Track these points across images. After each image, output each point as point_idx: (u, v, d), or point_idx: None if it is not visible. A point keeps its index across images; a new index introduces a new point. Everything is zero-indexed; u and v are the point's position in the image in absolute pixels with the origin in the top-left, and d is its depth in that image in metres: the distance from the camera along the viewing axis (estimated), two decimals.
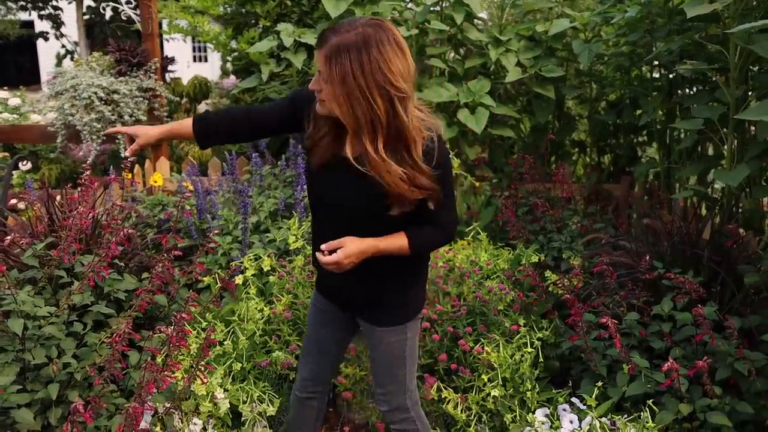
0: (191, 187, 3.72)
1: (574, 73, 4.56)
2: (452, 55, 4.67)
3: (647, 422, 2.13)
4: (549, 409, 2.34)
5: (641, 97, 4.00)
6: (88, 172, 2.62)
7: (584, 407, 2.30)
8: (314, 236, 1.96)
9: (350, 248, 1.72)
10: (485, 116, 3.91)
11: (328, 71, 1.60)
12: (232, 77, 10.41)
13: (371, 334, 1.98)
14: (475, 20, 4.62)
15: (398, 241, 1.78)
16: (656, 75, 4.11)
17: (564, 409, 2.29)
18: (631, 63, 4.05)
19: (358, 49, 1.57)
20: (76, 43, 8.19)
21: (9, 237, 2.32)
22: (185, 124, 2.00)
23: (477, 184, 3.88)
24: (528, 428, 2.29)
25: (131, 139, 2.05)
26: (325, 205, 1.86)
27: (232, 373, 2.46)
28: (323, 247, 1.74)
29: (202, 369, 2.20)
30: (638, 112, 4.25)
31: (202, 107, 7.24)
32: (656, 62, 3.91)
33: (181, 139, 2.05)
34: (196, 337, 2.55)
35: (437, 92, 4.05)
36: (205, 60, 21.87)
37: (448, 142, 3.87)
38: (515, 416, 2.37)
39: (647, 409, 2.20)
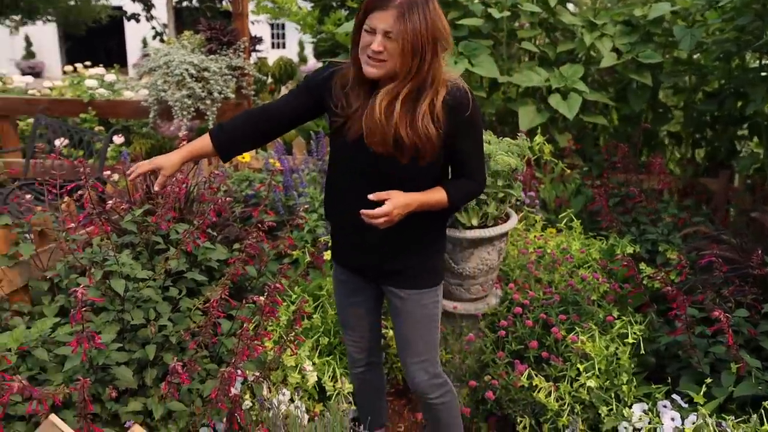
0: (277, 165, 3.74)
1: (671, 62, 4.35)
2: (542, 40, 4.54)
3: (760, 426, 1.99)
4: (647, 404, 2.23)
5: (748, 86, 3.77)
6: (184, 143, 2.65)
7: (685, 405, 2.18)
8: (342, 208, 1.94)
9: (398, 199, 1.74)
10: (578, 102, 3.78)
11: (399, 27, 1.65)
12: (310, 63, 10.50)
13: (403, 300, 1.99)
14: (568, 4, 4.47)
15: (437, 195, 1.84)
16: (759, 63, 3.87)
17: (664, 406, 2.17)
18: (738, 49, 3.82)
19: (424, 4, 1.66)
20: (164, 25, 8.42)
21: (110, 202, 2.37)
22: (203, 140, 1.97)
23: (568, 171, 3.76)
24: (624, 423, 2.19)
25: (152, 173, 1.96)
26: (363, 175, 1.85)
27: (319, 347, 2.45)
28: (371, 197, 1.74)
29: (293, 340, 2.20)
30: (740, 103, 4.02)
31: (283, 91, 7.30)
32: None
33: (203, 157, 2.02)
34: (285, 309, 2.55)
35: (528, 76, 3.94)
36: (283, 46, 22.20)
37: (539, 128, 3.76)
38: (611, 409, 2.27)
39: (762, 411, 2.06)
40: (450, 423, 2.18)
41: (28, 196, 2.62)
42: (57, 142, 4.42)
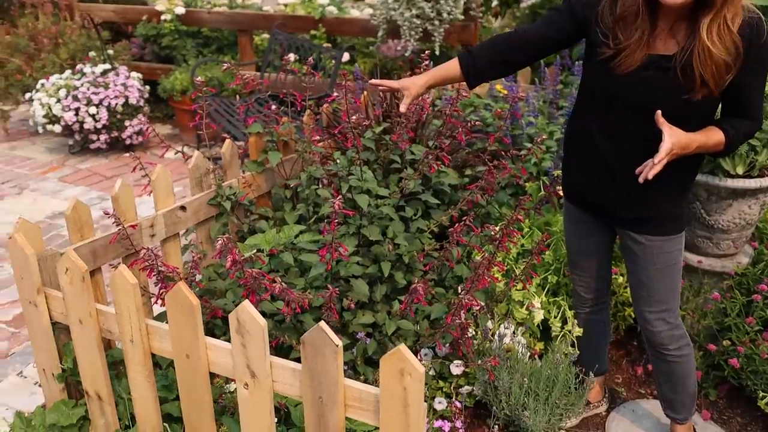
0: (504, 92, 3.61)
1: None
2: None
3: None
4: None
5: None
6: (426, 62, 2.61)
7: None
8: (593, 143, 1.82)
9: (680, 138, 1.59)
10: None
11: None
12: None
13: (644, 246, 1.87)
14: None
15: (715, 136, 1.69)
16: None
17: None
18: None
19: None
20: None
21: (354, 116, 2.41)
22: (451, 65, 1.91)
23: None
24: None
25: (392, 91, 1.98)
26: (628, 110, 1.73)
27: (547, 286, 2.36)
28: (658, 116, 1.57)
29: (527, 274, 2.13)
30: None
31: (500, 23, 7.01)
32: None
33: (448, 82, 1.94)
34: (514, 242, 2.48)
35: None
36: None
37: None
38: None
39: None
40: (685, 378, 2.05)
41: (273, 107, 2.75)
42: (291, 57, 4.63)
